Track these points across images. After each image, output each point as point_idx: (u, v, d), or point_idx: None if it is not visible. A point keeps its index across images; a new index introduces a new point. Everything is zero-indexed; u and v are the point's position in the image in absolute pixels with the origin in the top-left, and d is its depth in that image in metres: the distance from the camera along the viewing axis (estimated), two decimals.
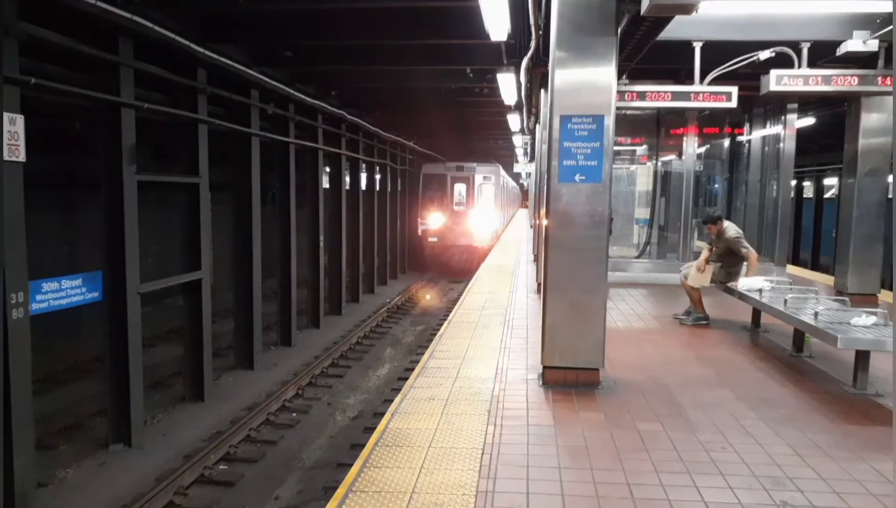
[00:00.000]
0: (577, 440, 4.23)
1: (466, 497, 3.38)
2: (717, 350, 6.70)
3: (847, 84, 7.82)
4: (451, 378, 5.49)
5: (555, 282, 5.28)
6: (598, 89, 5.09)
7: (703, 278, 7.52)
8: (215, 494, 6.78)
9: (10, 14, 5.63)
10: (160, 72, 8.08)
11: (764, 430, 4.42)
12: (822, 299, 6.40)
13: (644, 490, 3.50)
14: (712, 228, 7.63)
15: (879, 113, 9.19)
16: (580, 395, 5.13)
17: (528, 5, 6.65)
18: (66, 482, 6.76)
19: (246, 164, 10.73)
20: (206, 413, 8.81)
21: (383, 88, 14.27)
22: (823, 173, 23.49)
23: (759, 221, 11.81)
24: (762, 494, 3.49)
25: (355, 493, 3.42)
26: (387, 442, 4.10)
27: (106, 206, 7.38)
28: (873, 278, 9.58)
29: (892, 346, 4.70)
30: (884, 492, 3.51)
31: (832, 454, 4.05)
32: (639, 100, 8.47)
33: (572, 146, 5.12)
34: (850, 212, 9.57)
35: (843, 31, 7.60)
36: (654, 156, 12.25)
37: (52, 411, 8.22)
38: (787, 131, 11.02)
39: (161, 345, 11.66)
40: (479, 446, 4.04)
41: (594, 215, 5.14)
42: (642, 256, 12.26)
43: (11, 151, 5.55)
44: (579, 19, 5.05)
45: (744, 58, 8.12)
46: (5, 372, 5.59)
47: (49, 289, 6.64)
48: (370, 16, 8.83)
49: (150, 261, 9.00)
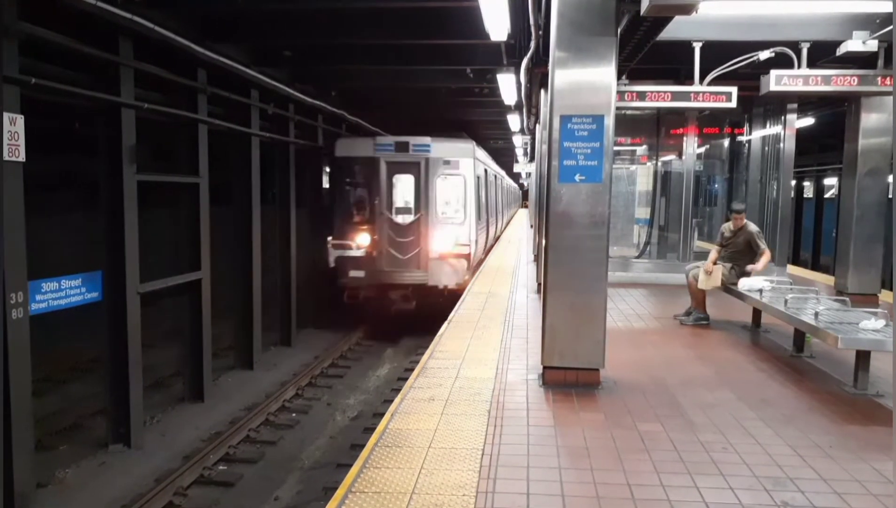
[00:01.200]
0: (577, 440, 4.23)
1: (466, 497, 3.37)
2: (717, 350, 6.70)
3: (847, 84, 7.81)
4: (451, 379, 5.48)
5: (555, 282, 5.28)
6: (598, 89, 5.09)
7: (711, 280, 7.50)
8: (215, 494, 6.77)
9: (10, 14, 5.63)
10: (160, 72, 8.08)
11: (764, 430, 4.42)
12: (822, 299, 6.40)
13: (644, 491, 3.49)
14: (738, 218, 7.60)
15: (879, 113, 9.20)
16: (580, 395, 5.12)
17: (528, 5, 6.66)
18: (66, 482, 6.75)
19: (246, 164, 10.72)
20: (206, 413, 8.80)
21: (383, 88, 14.27)
22: (823, 173, 23.48)
23: (759, 221, 11.80)
24: (763, 494, 3.49)
25: (355, 493, 3.42)
26: (387, 443, 4.09)
27: (106, 206, 7.38)
28: (873, 278, 9.58)
29: (893, 346, 4.70)
30: (884, 492, 3.51)
31: (833, 454, 4.05)
32: (639, 100, 8.47)
33: (572, 146, 5.12)
34: (851, 212, 9.57)
35: (843, 32, 7.60)
36: (654, 156, 12.26)
37: (53, 411, 8.21)
38: (787, 131, 11.02)
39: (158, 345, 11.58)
40: (478, 446, 4.04)
41: (594, 215, 5.14)
42: (642, 256, 12.27)
43: (11, 151, 5.55)
44: (579, 19, 5.05)
45: (743, 58, 8.12)
46: (5, 372, 5.59)
47: (48, 289, 6.62)
48: (370, 16, 8.83)
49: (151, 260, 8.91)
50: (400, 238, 12.72)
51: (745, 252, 7.53)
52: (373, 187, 12.78)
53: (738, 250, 7.56)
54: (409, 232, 12.74)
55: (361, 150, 12.98)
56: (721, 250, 7.72)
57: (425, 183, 12.73)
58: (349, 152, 13.05)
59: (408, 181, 12.85)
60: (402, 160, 12.75)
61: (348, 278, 12.75)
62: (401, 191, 12.86)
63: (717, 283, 7.51)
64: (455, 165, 12.86)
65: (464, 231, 12.93)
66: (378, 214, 12.72)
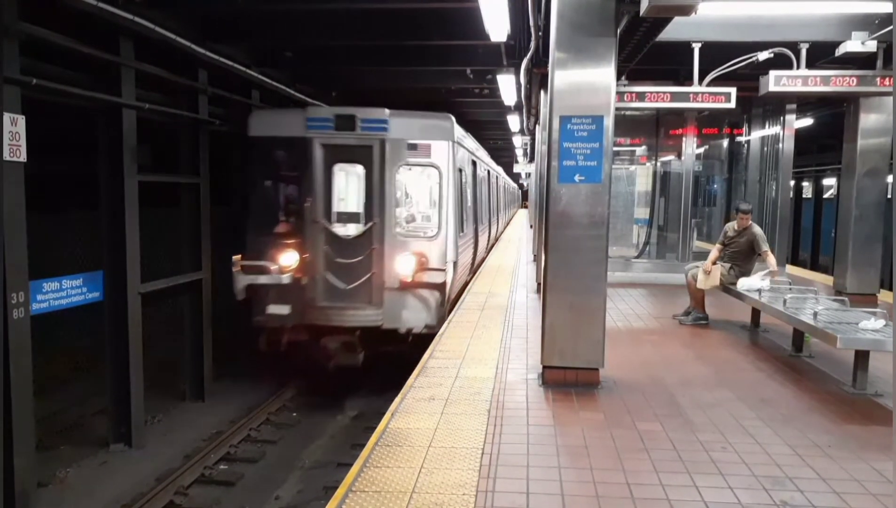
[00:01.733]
0: (576, 439, 4.24)
1: (466, 496, 3.39)
2: (716, 350, 6.71)
3: (846, 85, 7.83)
4: (451, 378, 5.50)
5: (555, 282, 5.29)
6: (598, 90, 5.11)
7: (710, 280, 7.52)
8: (216, 493, 6.78)
9: (10, 14, 5.64)
10: (161, 72, 8.09)
11: (764, 430, 4.43)
12: (821, 298, 6.43)
13: (644, 490, 3.51)
14: (744, 218, 7.60)
15: (878, 113, 9.22)
16: (580, 395, 5.14)
17: (527, 6, 6.68)
18: (67, 481, 6.77)
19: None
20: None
21: (384, 89, 14.27)
22: (822, 174, 23.51)
23: (758, 221, 11.82)
24: (762, 494, 3.50)
25: (355, 493, 3.43)
26: (387, 442, 4.10)
27: (106, 206, 7.39)
28: (872, 278, 9.60)
29: (892, 346, 4.72)
30: (883, 492, 3.52)
31: (832, 453, 4.06)
32: (638, 101, 8.49)
33: (572, 147, 5.13)
34: (850, 212, 9.59)
35: (842, 32, 7.61)
36: (654, 156, 12.28)
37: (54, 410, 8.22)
38: (786, 132, 11.05)
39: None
40: (478, 446, 4.05)
41: (594, 215, 5.16)
42: (642, 256, 12.29)
43: (12, 151, 5.56)
44: (579, 20, 5.07)
45: (743, 59, 8.14)
46: (6, 372, 5.60)
47: (49, 289, 6.64)
48: (371, 16, 8.83)
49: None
50: (342, 258, 8.50)
51: (746, 253, 7.54)
52: (303, 183, 8.63)
53: (739, 251, 7.57)
54: (355, 250, 8.54)
55: (286, 127, 8.73)
56: (722, 249, 7.73)
57: (381, 177, 8.59)
58: (268, 131, 8.81)
59: (355, 174, 8.68)
60: (346, 143, 8.57)
61: (265, 316, 8.68)
62: (344, 188, 8.68)
63: (715, 282, 7.53)
64: (425, 151, 8.75)
65: (437, 248, 8.78)
66: (310, 222, 8.55)
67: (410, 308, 8.70)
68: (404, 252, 8.66)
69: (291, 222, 8.85)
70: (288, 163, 8.85)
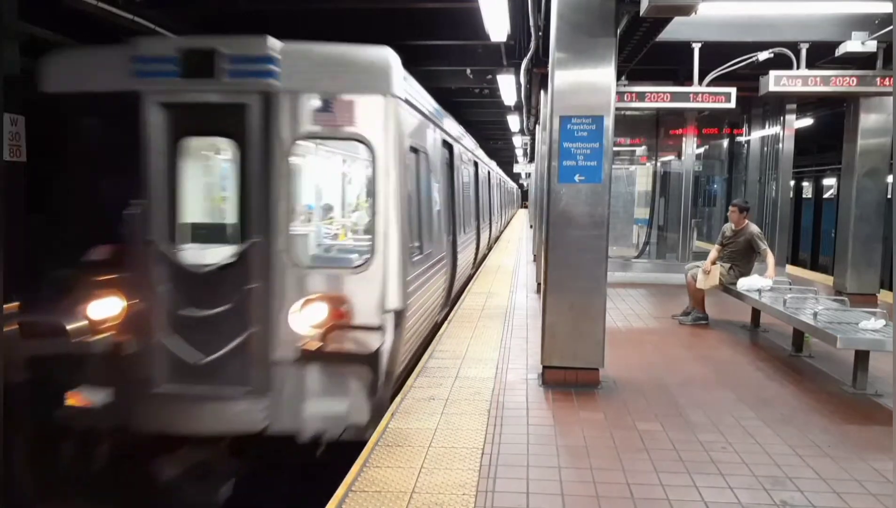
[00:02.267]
0: (576, 440, 4.24)
1: (466, 496, 3.39)
2: (716, 350, 6.71)
3: (846, 85, 7.84)
4: (451, 378, 5.49)
5: (555, 282, 5.29)
6: (598, 90, 5.11)
7: (709, 280, 7.52)
8: None
9: (10, 14, 5.64)
10: None
11: (763, 430, 4.43)
12: (821, 299, 6.43)
13: (644, 490, 3.51)
14: (736, 214, 7.60)
15: (878, 113, 9.23)
16: (580, 395, 5.14)
17: (527, 6, 6.69)
18: None
19: None
20: None
21: None
22: (822, 174, 23.52)
23: (758, 221, 11.83)
24: (762, 494, 3.50)
25: (355, 493, 3.42)
26: (387, 442, 4.10)
27: None
28: (872, 278, 9.60)
29: (892, 346, 4.72)
30: (883, 492, 3.52)
31: (832, 453, 4.06)
32: (638, 101, 8.50)
33: (572, 147, 5.14)
34: (850, 212, 9.60)
35: (842, 32, 7.62)
36: (654, 156, 12.29)
37: None
38: (786, 132, 11.05)
39: None
40: (478, 446, 4.05)
41: (594, 215, 5.16)
42: (642, 256, 12.29)
43: (13, 151, 5.56)
44: (579, 20, 5.07)
45: (743, 59, 8.15)
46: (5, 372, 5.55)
47: None
48: (371, 16, 8.85)
49: None
50: (197, 308, 4.69)
51: (745, 253, 7.54)
52: (127, 174, 4.68)
53: (738, 251, 7.57)
54: (220, 292, 4.68)
55: (98, 76, 4.75)
56: (721, 249, 7.74)
57: (264, 160, 4.68)
58: (69, 85, 4.79)
59: (217, 157, 5.58)
60: (202, 100, 4.72)
61: (63, 411, 4.77)
62: (200, 182, 5.45)
63: (715, 282, 7.53)
64: (346, 113, 4.80)
65: (368, 287, 4.76)
66: (140, 244, 4.69)
67: (319, 396, 4.71)
68: (308, 295, 4.68)
69: (109, 245, 4.84)
70: (101, 138, 5.02)
